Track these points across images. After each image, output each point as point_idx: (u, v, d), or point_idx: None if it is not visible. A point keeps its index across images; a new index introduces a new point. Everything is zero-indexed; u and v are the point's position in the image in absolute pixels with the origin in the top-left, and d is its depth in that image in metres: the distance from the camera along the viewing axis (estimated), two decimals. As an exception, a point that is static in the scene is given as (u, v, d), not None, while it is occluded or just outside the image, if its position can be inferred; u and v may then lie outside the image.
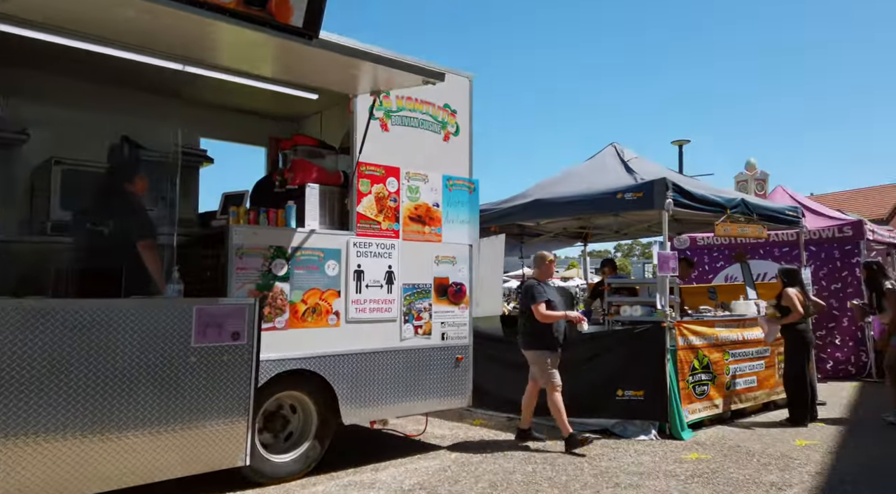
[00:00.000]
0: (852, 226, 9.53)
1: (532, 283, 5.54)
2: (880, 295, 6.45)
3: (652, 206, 5.90)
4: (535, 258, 5.87)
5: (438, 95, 5.12)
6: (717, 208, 6.43)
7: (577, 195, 6.48)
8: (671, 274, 5.86)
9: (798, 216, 7.56)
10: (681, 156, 16.32)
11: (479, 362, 7.01)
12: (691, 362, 6.04)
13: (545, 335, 5.41)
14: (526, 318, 5.49)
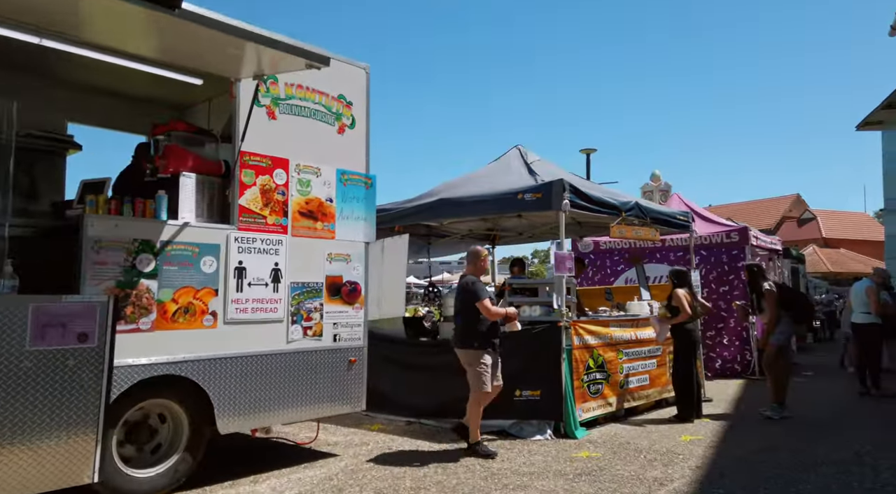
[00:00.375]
0: (738, 233, 10.15)
1: (472, 279, 5.32)
2: (760, 296, 6.85)
3: (550, 207, 5.95)
4: (469, 254, 5.66)
5: (333, 85, 4.89)
6: (613, 210, 6.59)
7: (480, 195, 6.44)
8: (568, 275, 5.92)
9: (688, 221, 7.92)
10: (588, 164, 16.88)
11: (381, 364, 6.82)
12: (586, 361, 6.13)
13: (488, 334, 5.21)
14: (466, 316, 5.22)
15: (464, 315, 5.27)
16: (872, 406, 7.42)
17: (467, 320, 5.23)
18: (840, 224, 47.81)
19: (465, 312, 5.24)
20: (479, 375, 5.14)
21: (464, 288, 5.30)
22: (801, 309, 6.92)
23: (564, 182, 5.92)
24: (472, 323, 5.19)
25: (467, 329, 5.23)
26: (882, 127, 25.97)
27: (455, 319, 5.47)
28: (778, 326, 6.68)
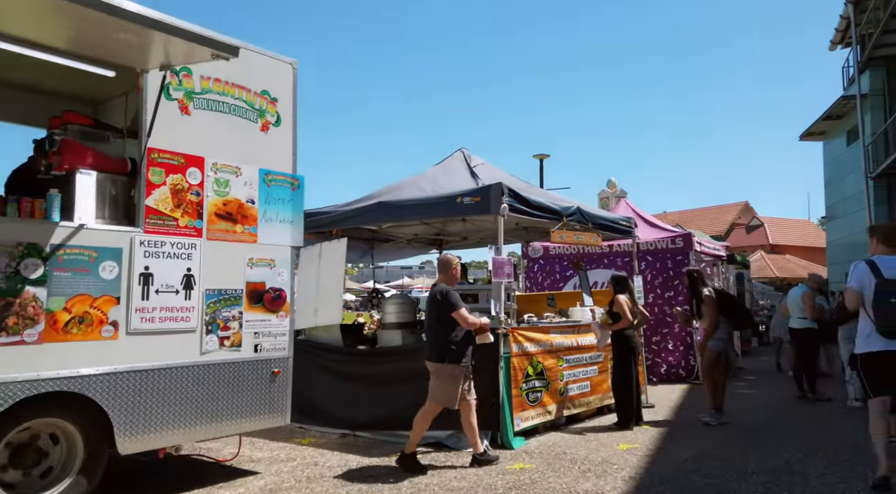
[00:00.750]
0: (683, 239, 10.25)
1: (446, 288, 5.06)
2: (700, 301, 6.86)
3: (489, 211, 5.80)
4: (440, 262, 5.41)
5: (255, 80, 4.63)
6: (554, 216, 6.49)
7: (419, 198, 6.25)
8: (507, 281, 5.78)
9: (631, 226, 7.91)
10: (541, 170, 16.93)
11: (316, 375, 6.56)
12: (525, 369, 6.00)
13: (463, 346, 4.97)
14: (440, 328, 4.96)
15: (437, 325, 5.00)
16: (808, 410, 7.53)
17: (441, 331, 4.97)
18: (786, 231, 49.61)
19: (441, 323, 4.97)
20: (455, 388, 4.88)
21: (437, 297, 5.00)
22: (740, 315, 6.98)
23: (503, 185, 5.79)
24: (447, 335, 4.93)
25: (440, 340, 4.96)
26: (823, 137, 27.04)
27: (427, 330, 5.16)
28: (716, 332, 6.69)
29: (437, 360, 4.96)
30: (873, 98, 21.52)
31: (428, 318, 5.14)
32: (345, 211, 6.64)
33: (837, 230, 25.62)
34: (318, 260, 6.78)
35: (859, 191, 21.72)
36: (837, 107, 23.56)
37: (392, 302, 6.57)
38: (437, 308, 4.98)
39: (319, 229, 6.83)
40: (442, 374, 4.92)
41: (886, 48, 20.17)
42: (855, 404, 7.63)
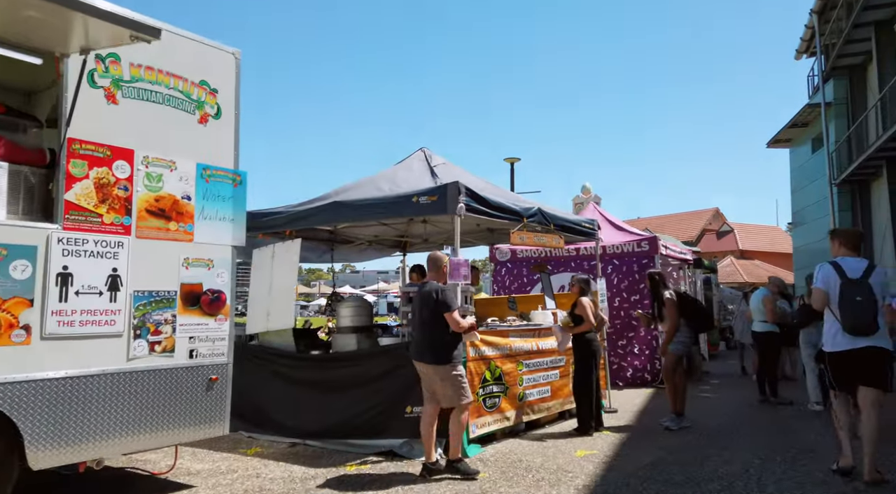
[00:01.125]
0: (648, 242, 10.19)
1: (440, 286, 4.95)
2: (661, 304, 6.76)
3: (445, 210, 5.61)
4: (430, 260, 5.20)
5: (193, 70, 4.37)
6: (514, 216, 6.33)
7: (375, 198, 6.03)
8: (463, 283, 5.59)
9: (594, 229, 7.80)
10: (512, 173, 16.83)
11: (267, 381, 6.28)
12: (482, 373, 5.81)
13: (457, 347, 4.88)
14: (435, 328, 4.82)
15: (432, 325, 4.84)
16: (769, 413, 7.48)
17: (437, 331, 4.82)
18: (755, 237, 50.53)
19: (434, 323, 4.82)
20: (457, 387, 4.79)
21: (434, 295, 4.86)
22: (701, 319, 6.90)
23: (460, 185, 5.60)
24: (442, 335, 4.80)
25: (437, 341, 4.81)
26: (789, 145, 27.53)
27: (420, 330, 4.95)
28: (677, 335, 6.60)
29: (435, 362, 4.80)
30: (837, 106, 21.96)
31: (419, 317, 4.95)
32: (298, 211, 6.38)
33: (803, 236, 26.07)
34: (272, 262, 6.52)
35: (824, 197, 22.13)
36: (803, 115, 24.01)
37: (347, 305, 6.33)
38: (432, 306, 4.83)
39: (273, 229, 6.58)
40: (446, 376, 4.79)
41: (849, 58, 20.61)
42: (815, 407, 7.62)
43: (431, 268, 5.18)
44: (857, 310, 4.34)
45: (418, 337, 5.01)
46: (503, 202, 6.17)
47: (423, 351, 4.90)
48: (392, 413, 5.53)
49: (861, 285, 4.37)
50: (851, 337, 4.39)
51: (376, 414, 5.59)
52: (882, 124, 17.10)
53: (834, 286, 4.46)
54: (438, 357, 4.80)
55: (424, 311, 4.90)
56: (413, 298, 5.17)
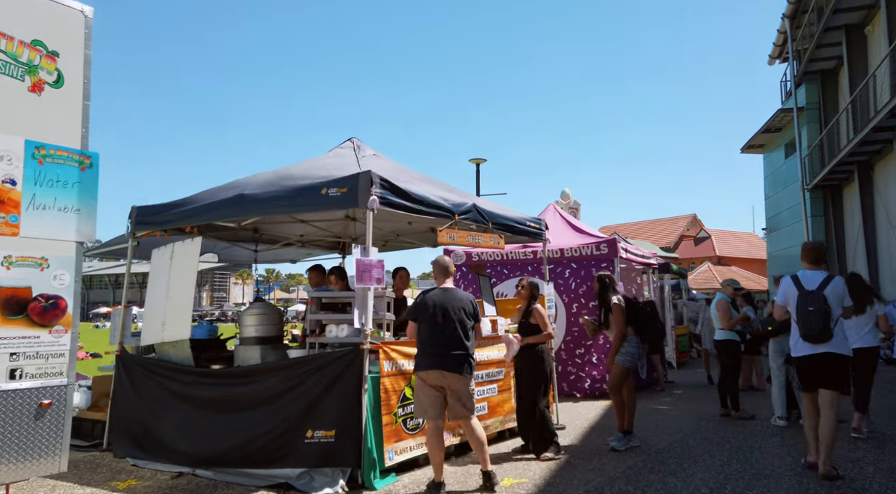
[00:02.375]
0: (608, 244, 9.51)
1: (471, 296, 4.83)
2: (608, 310, 6.06)
3: (356, 203, 4.85)
4: (443, 266, 4.89)
5: (22, 27, 3.58)
6: (444, 212, 5.59)
7: (281, 190, 5.26)
8: (375, 286, 4.82)
9: (541, 229, 7.07)
10: (478, 175, 16.12)
11: (158, 400, 5.43)
12: (401, 391, 5.04)
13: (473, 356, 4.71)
14: (466, 338, 4.61)
15: (465, 334, 4.63)
16: (729, 429, 6.79)
17: (468, 342, 4.63)
18: (732, 243, 50.44)
19: (466, 332, 4.65)
20: (471, 400, 4.64)
21: (471, 305, 4.74)
22: (651, 328, 6.19)
23: (373, 174, 4.85)
24: (470, 346, 4.65)
25: (466, 352, 4.61)
26: (763, 150, 27.19)
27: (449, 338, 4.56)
28: (624, 345, 5.89)
29: (459, 372, 4.54)
30: (809, 111, 21.61)
31: (449, 325, 4.58)
32: (198, 205, 5.58)
33: (777, 241, 25.71)
34: (170, 264, 5.71)
35: (797, 203, 21.72)
36: (776, 121, 23.67)
37: (251, 312, 5.51)
38: (468, 316, 4.68)
39: (169, 224, 5.76)
40: (465, 387, 4.58)
41: (821, 62, 20.26)
42: (779, 422, 6.95)
43: (446, 274, 4.87)
44: (808, 320, 4.67)
45: (445, 344, 4.55)
46: (428, 196, 5.41)
47: (451, 361, 4.53)
48: (291, 437, 4.73)
49: (814, 296, 4.68)
50: (809, 344, 4.73)
51: (274, 439, 4.78)
52: (853, 128, 16.71)
53: (792, 297, 4.84)
54: (466, 367, 4.58)
55: (456, 317, 4.61)
56: (430, 303, 4.63)
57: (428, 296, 4.68)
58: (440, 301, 4.64)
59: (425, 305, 4.63)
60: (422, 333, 4.62)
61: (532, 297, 5.84)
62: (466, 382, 4.57)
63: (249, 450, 4.83)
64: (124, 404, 5.65)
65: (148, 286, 5.78)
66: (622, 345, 5.84)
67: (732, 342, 7.46)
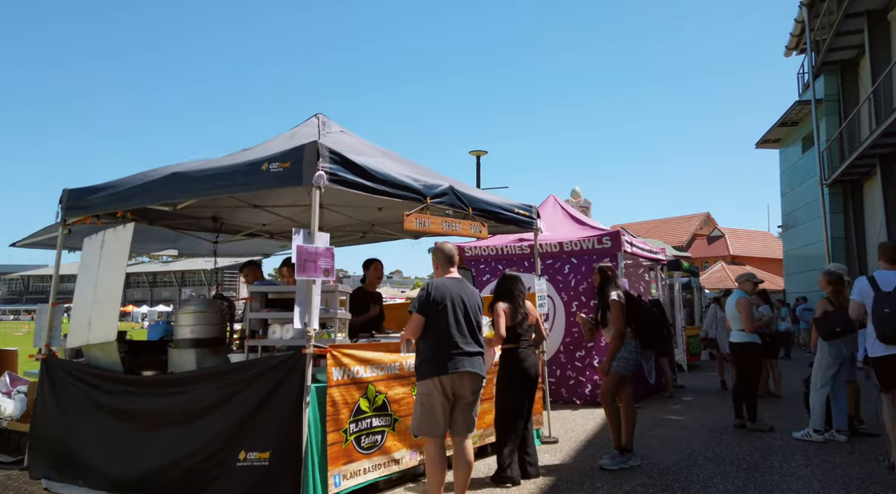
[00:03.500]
0: (611, 237, 8.63)
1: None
2: (606, 306, 5.23)
3: (300, 180, 4.06)
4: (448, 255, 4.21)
5: None
6: (413, 194, 4.79)
7: (218, 167, 4.48)
8: (321, 278, 4.03)
9: (532, 217, 6.23)
10: (478, 167, 15.27)
11: (81, 413, 4.64)
12: (355, 402, 4.23)
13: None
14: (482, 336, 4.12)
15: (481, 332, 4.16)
16: (744, 444, 5.91)
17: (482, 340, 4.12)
18: (746, 242, 49.16)
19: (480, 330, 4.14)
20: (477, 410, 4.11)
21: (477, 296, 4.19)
22: (649, 330, 5.32)
23: (320, 146, 4.05)
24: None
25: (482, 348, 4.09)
26: (779, 145, 26.04)
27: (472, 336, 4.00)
28: (621, 349, 5.06)
29: (485, 375, 4.04)
30: (828, 103, 20.50)
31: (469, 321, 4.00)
32: (130, 186, 4.81)
33: (794, 239, 24.57)
34: (100, 253, 4.97)
35: (815, 199, 20.63)
36: (793, 114, 22.56)
37: (186, 311, 4.71)
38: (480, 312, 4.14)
39: (101, 209, 4.99)
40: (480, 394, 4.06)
41: (840, 51, 19.16)
42: (814, 437, 6.00)
43: (446, 262, 4.18)
44: (885, 321, 4.61)
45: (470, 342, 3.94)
46: (392, 174, 4.60)
47: (479, 363, 3.97)
48: (223, 459, 3.94)
49: (892, 298, 4.62)
50: (885, 345, 4.67)
51: (203, 461, 3.99)
52: (875, 120, 15.61)
53: (868, 298, 4.78)
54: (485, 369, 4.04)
55: (472, 313, 4.01)
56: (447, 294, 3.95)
57: (442, 286, 3.98)
58: (457, 292, 3.99)
59: (441, 296, 3.92)
60: (438, 330, 3.89)
61: (503, 294, 5.00)
62: (482, 388, 4.04)
63: (175, 474, 4.06)
64: (45, 416, 4.90)
65: (77, 279, 5.05)
66: (619, 348, 5.01)
67: (753, 345, 6.56)
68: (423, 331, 3.93)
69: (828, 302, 6.05)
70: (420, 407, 3.89)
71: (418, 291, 4.07)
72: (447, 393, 3.84)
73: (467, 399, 3.93)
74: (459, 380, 3.85)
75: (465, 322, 3.96)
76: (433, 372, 3.85)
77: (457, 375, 3.83)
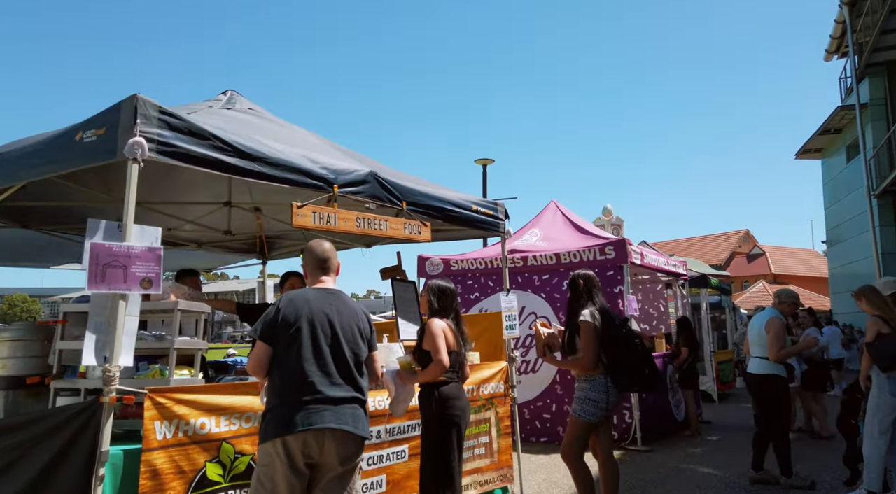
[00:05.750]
0: (614, 247, 7.08)
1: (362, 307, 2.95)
2: (575, 329, 3.74)
3: (114, 152, 2.77)
4: (313, 253, 2.85)
5: None
6: (312, 181, 3.45)
7: (36, 142, 3.26)
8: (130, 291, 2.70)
9: (497, 217, 4.77)
10: (485, 177, 13.85)
11: None
12: (197, 471, 2.85)
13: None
14: (360, 373, 2.72)
15: (360, 371, 2.75)
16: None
17: (363, 383, 2.77)
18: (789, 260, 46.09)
19: (360, 366, 2.75)
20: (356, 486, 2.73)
21: (368, 318, 2.84)
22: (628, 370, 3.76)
23: (143, 102, 2.76)
24: (365, 389, 2.78)
25: (365, 398, 2.76)
26: (821, 155, 23.65)
27: (351, 377, 2.65)
28: (588, 387, 3.56)
29: (362, 434, 2.70)
30: (874, 108, 18.30)
31: (339, 352, 2.63)
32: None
33: (840, 256, 22.08)
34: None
35: (862, 211, 18.30)
36: (835, 120, 20.35)
37: (1, 337, 3.43)
38: (363, 339, 2.76)
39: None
40: (357, 463, 2.71)
41: (886, 51, 17.04)
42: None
43: (316, 267, 2.83)
44: None
45: (334, 385, 2.57)
46: (274, 151, 3.27)
47: (348, 416, 2.57)
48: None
49: None
50: None
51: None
52: (931, 120, 13.56)
53: None
54: (366, 427, 2.68)
55: (347, 341, 2.67)
56: (301, 312, 2.62)
57: (299, 300, 2.60)
58: (320, 309, 2.62)
59: (296, 315, 2.55)
60: (286, 366, 2.51)
61: (440, 308, 3.55)
62: (360, 454, 2.63)
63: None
64: None
65: None
66: (585, 387, 3.52)
67: (778, 378, 4.91)
68: (271, 367, 2.56)
69: (882, 323, 4.37)
70: (257, 485, 2.49)
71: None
72: (296, 464, 2.43)
73: (334, 471, 2.52)
74: (316, 442, 2.45)
75: (331, 353, 2.56)
76: (273, 430, 2.46)
77: (311, 434, 2.43)
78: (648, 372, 3.68)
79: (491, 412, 4.58)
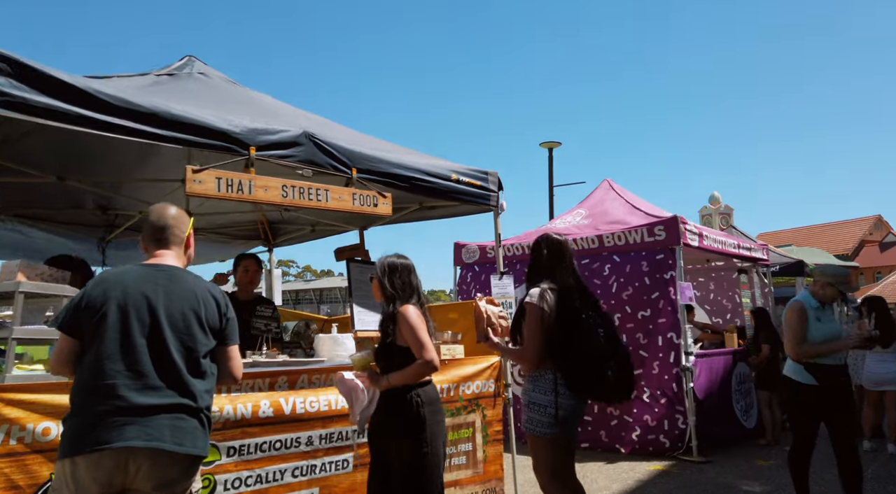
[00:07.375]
0: (665, 226, 5.85)
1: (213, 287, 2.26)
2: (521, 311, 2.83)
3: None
4: (151, 219, 2.20)
5: None
6: (225, 144, 2.85)
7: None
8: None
9: (487, 188, 3.87)
10: (550, 162, 12.67)
11: None
12: (39, 486, 2.32)
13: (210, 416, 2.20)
14: (196, 373, 2.04)
15: (198, 369, 2.07)
16: None
17: (202, 384, 2.10)
18: (932, 248, 39.74)
19: (198, 363, 2.07)
20: None
21: (216, 299, 2.13)
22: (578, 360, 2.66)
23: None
24: (203, 393, 2.07)
25: (199, 405, 2.05)
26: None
27: (176, 378, 1.99)
28: (534, 388, 2.64)
29: (190, 451, 2.00)
30: None
31: (158, 345, 1.98)
32: None
33: None
34: None
35: None
36: None
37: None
38: (204, 328, 2.06)
39: None
40: (188, 487, 2.03)
41: None
42: None
43: (152, 238, 2.15)
44: None
45: (154, 384, 1.96)
46: (149, 105, 2.68)
47: (162, 428, 1.92)
48: None
49: None
50: None
51: None
52: None
53: None
54: (200, 441, 2.01)
55: (172, 330, 2.02)
56: (111, 294, 1.98)
57: (113, 279, 1.99)
58: (137, 290, 1.98)
59: (103, 298, 1.94)
60: (84, 365, 1.93)
61: (396, 289, 2.75)
62: (192, 476, 1.95)
63: None
64: None
65: None
66: (529, 388, 2.60)
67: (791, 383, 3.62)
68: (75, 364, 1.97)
69: None
70: None
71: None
72: (98, 484, 1.82)
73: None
74: (116, 465, 1.81)
75: (148, 348, 1.91)
76: (65, 447, 1.86)
77: (107, 455, 1.80)
78: (612, 373, 2.63)
79: (476, 415, 3.76)
